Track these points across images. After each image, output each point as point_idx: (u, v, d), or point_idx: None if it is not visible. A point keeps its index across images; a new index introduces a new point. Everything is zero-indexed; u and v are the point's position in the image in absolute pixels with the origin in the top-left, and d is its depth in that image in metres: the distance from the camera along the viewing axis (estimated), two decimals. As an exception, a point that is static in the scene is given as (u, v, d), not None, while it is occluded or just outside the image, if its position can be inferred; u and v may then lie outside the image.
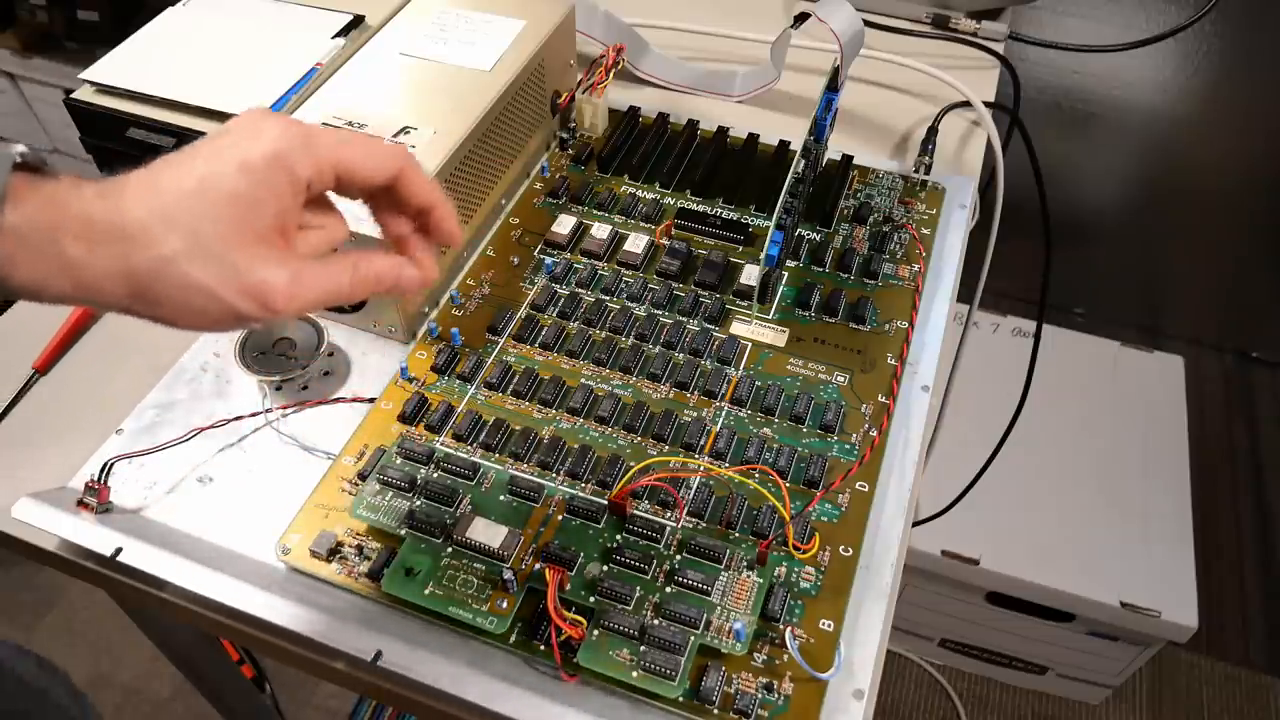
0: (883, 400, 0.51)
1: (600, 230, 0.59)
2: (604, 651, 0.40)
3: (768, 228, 0.50)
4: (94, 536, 0.44)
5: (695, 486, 0.47)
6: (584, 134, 0.67)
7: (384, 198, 0.37)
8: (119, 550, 0.44)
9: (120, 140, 0.58)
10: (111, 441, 0.50)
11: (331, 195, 0.37)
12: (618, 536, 0.44)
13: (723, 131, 0.66)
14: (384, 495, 0.46)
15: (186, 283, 0.31)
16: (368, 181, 0.36)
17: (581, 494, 0.46)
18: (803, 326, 0.54)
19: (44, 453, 0.50)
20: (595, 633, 0.41)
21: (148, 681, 1.27)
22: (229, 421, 0.50)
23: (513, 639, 0.42)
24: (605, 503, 0.45)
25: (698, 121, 0.66)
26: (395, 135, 0.54)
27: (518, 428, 0.49)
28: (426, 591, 0.42)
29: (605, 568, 0.43)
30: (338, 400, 0.52)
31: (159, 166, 0.32)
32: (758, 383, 0.51)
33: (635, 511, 0.45)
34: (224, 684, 0.84)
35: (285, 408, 0.51)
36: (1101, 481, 1.19)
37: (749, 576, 0.43)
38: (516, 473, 0.47)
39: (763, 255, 0.51)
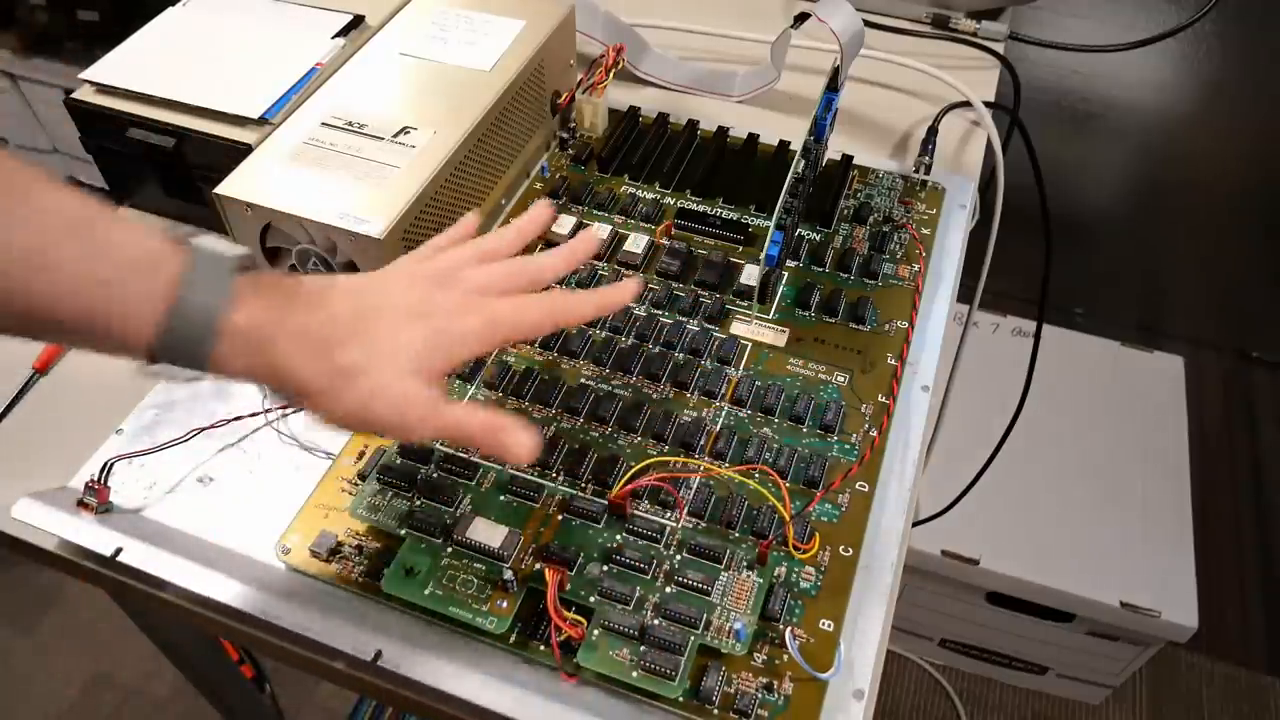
0: (883, 400, 0.51)
1: (600, 230, 0.59)
2: (604, 651, 0.40)
3: (768, 228, 0.50)
4: (94, 536, 0.44)
5: (695, 486, 0.47)
6: (584, 134, 0.67)
7: None
8: (119, 550, 0.44)
9: (120, 140, 0.58)
10: (111, 441, 0.50)
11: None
12: (618, 536, 0.44)
13: (723, 131, 0.66)
14: (384, 495, 0.46)
15: (359, 396, 0.37)
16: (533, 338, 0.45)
17: (581, 494, 0.46)
18: (803, 327, 0.54)
19: (44, 453, 0.50)
20: (595, 633, 0.41)
21: (148, 681, 1.27)
22: (229, 421, 0.50)
23: (513, 639, 0.42)
24: (605, 503, 0.45)
25: (698, 121, 0.66)
26: (395, 135, 0.54)
27: (518, 428, 0.49)
28: (426, 591, 0.42)
29: (605, 568, 0.43)
30: (338, 400, 0.52)
31: (372, 297, 0.39)
32: (758, 383, 0.51)
33: (635, 511, 0.45)
34: (224, 684, 0.84)
35: (285, 407, 0.51)
36: (1101, 482, 1.19)
37: (749, 576, 0.43)
38: (516, 472, 0.47)
39: (763, 255, 0.51)
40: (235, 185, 0.51)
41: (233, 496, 0.48)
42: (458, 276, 0.41)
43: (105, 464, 0.47)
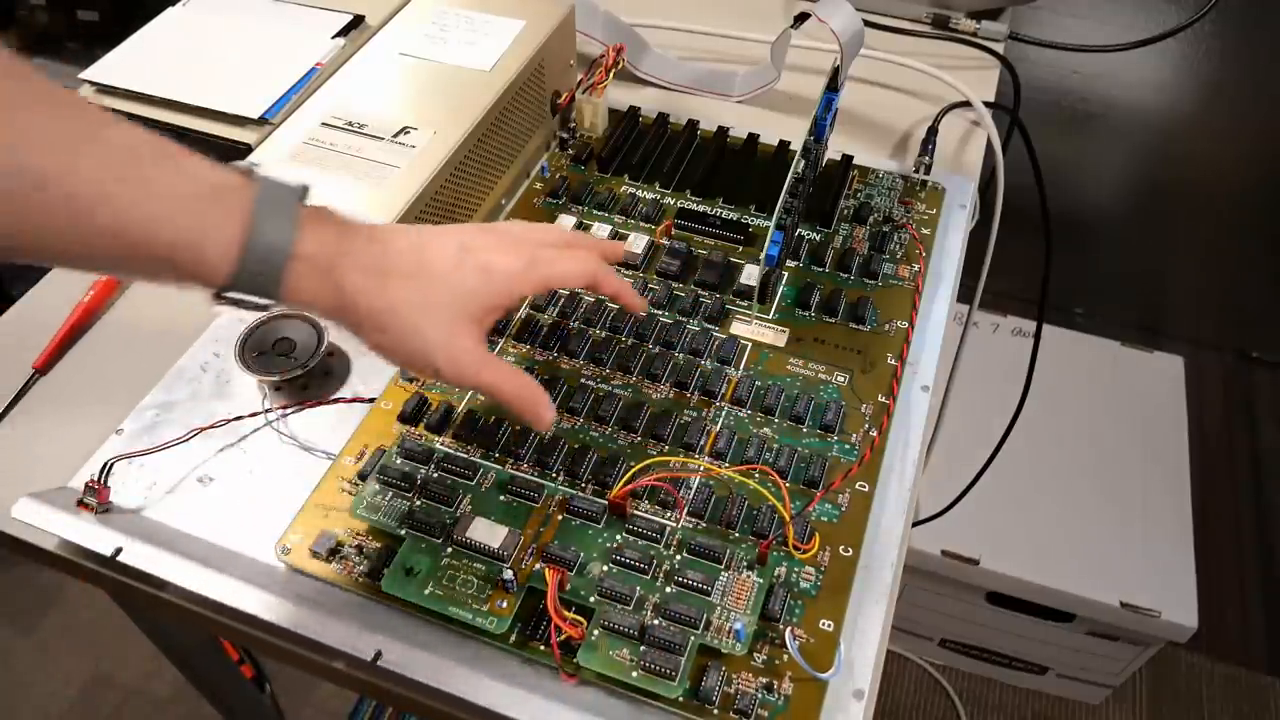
0: (883, 400, 0.51)
1: (600, 230, 0.59)
2: (604, 651, 0.40)
3: (768, 228, 0.50)
4: (94, 536, 0.44)
5: (695, 486, 0.47)
6: (584, 134, 0.67)
7: None
8: (119, 550, 0.44)
9: (120, 140, 0.58)
10: (111, 441, 0.50)
11: None
12: (618, 536, 0.44)
13: (723, 131, 0.66)
14: (384, 495, 0.46)
15: (412, 325, 0.39)
16: (566, 287, 0.48)
17: (581, 494, 0.46)
18: (803, 326, 0.54)
19: (44, 453, 0.50)
20: (595, 633, 0.41)
21: (148, 681, 1.27)
22: (229, 421, 0.50)
23: (513, 639, 0.42)
24: (605, 503, 0.45)
25: (698, 121, 0.66)
26: (395, 135, 0.54)
27: (518, 427, 0.49)
28: (426, 591, 0.42)
29: (605, 568, 0.43)
30: (338, 400, 0.52)
31: (427, 235, 0.41)
32: (758, 383, 0.51)
33: (635, 511, 0.45)
34: (224, 684, 0.84)
35: (285, 407, 0.51)
36: (1101, 482, 1.19)
37: (749, 576, 0.43)
38: (516, 473, 0.47)
39: (763, 255, 0.51)
40: (235, 185, 0.51)
41: (233, 496, 0.48)
42: (502, 227, 0.45)
43: (105, 464, 0.47)
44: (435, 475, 0.47)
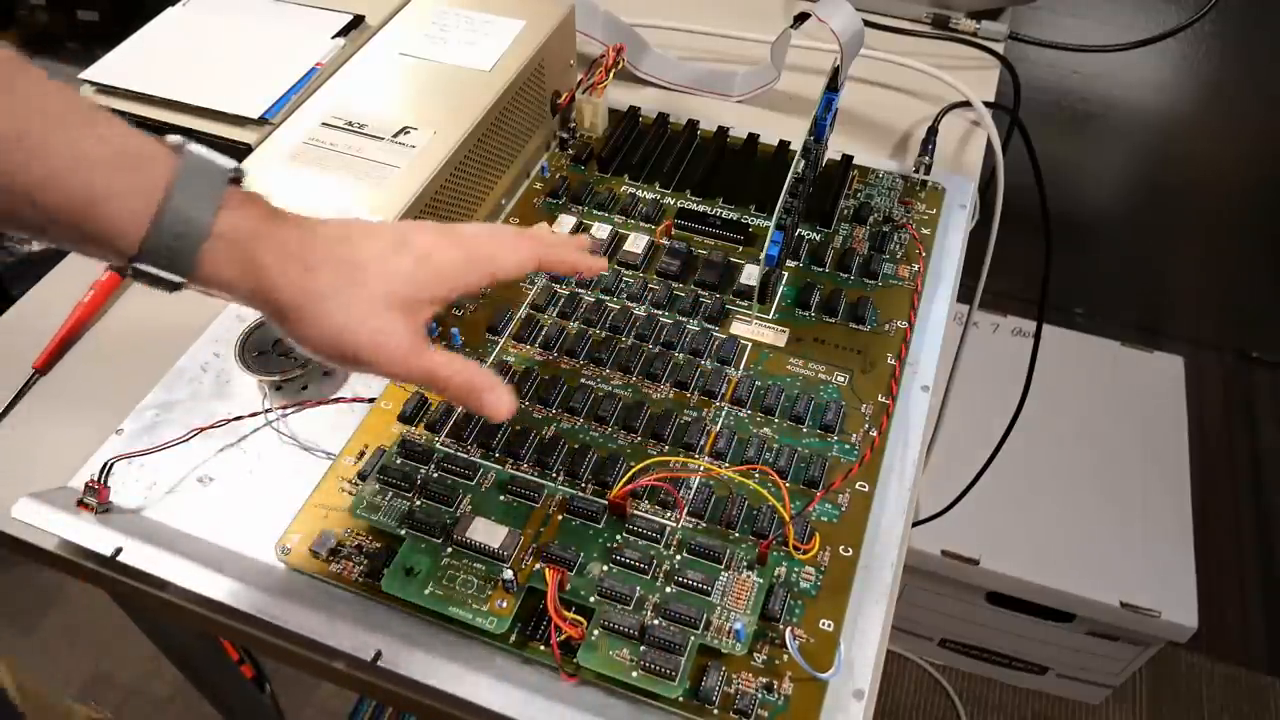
0: (883, 400, 0.51)
1: (600, 230, 0.59)
2: (604, 651, 0.40)
3: (768, 228, 0.50)
4: (94, 536, 0.44)
5: (695, 486, 0.47)
6: (584, 134, 0.67)
7: None
8: (119, 550, 0.44)
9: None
10: (111, 441, 0.50)
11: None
12: (618, 536, 0.44)
13: (723, 131, 0.66)
14: (384, 495, 0.46)
15: (331, 312, 0.37)
16: (511, 277, 0.43)
17: (581, 494, 0.46)
18: (803, 326, 0.54)
19: (44, 453, 0.50)
20: (595, 633, 0.41)
21: (148, 681, 1.27)
22: (229, 421, 0.50)
23: (513, 639, 0.42)
24: (605, 503, 0.45)
25: (698, 121, 0.66)
26: (395, 135, 0.54)
27: (517, 427, 0.49)
28: (426, 591, 0.42)
29: (605, 568, 0.43)
30: (338, 400, 0.52)
31: (361, 226, 0.40)
32: (758, 383, 0.51)
33: (635, 511, 0.45)
34: (224, 684, 0.84)
35: (285, 407, 0.51)
36: (1101, 482, 1.19)
37: (749, 576, 0.43)
38: (516, 473, 0.47)
39: (763, 255, 0.51)
40: (235, 185, 0.51)
41: (233, 496, 0.48)
42: (448, 226, 0.43)
43: (105, 464, 0.47)
44: (435, 475, 0.47)
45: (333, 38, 0.61)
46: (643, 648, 0.40)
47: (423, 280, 0.40)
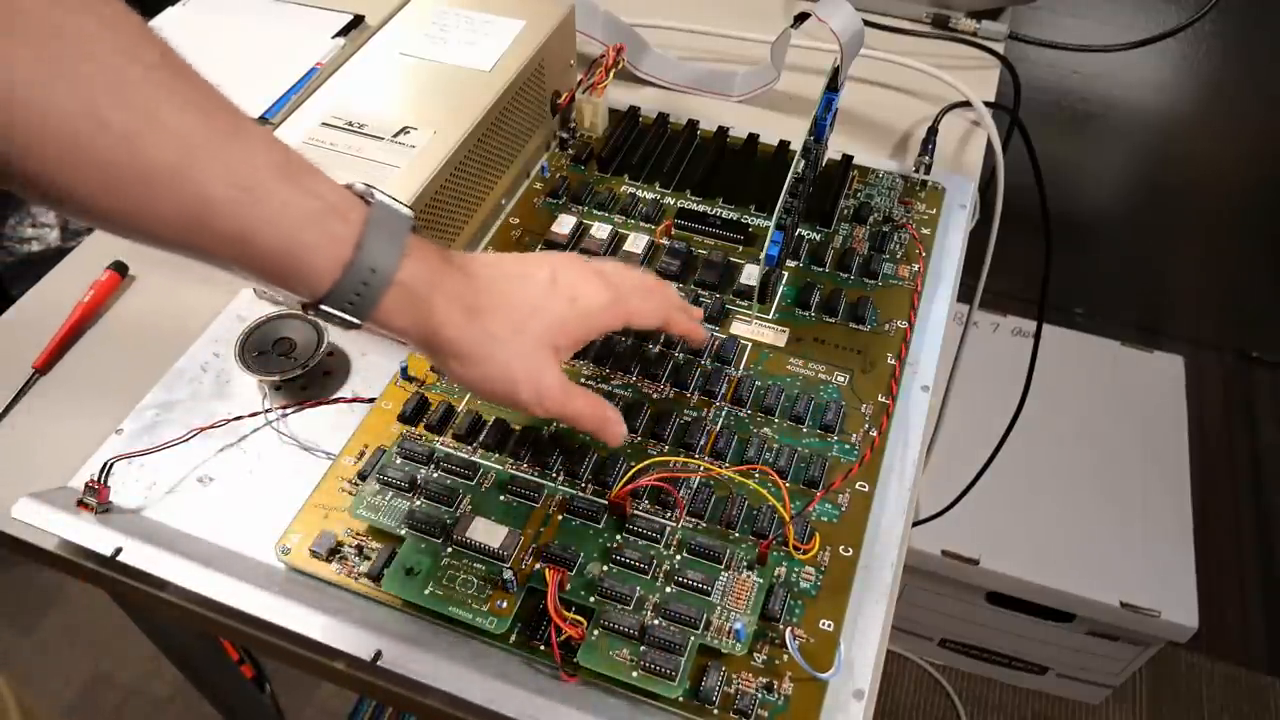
0: (883, 400, 0.51)
1: (600, 230, 0.59)
2: (604, 651, 0.40)
3: (768, 228, 0.50)
4: (94, 536, 0.44)
5: (695, 486, 0.47)
6: (584, 134, 0.67)
7: None
8: (119, 550, 0.44)
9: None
10: (111, 441, 0.50)
11: None
12: (618, 536, 0.44)
13: (723, 131, 0.66)
14: (384, 495, 0.46)
15: (495, 358, 0.40)
16: (643, 327, 0.47)
17: (581, 494, 0.46)
18: (803, 326, 0.54)
19: (44, 453, 0.50)
20: (595, 633, 0.41)
21: (148, 681, 1.27)
22: (229, 421, 0.50)
23: (513, 639, 0.42)
24: (605, 503, 0.45)
25: (698, 121, 0.66)
26: (395, 135, 0.54)
27: (518, 428, 0.49)
28: (426, 591, 0.42)
29: (605, 568, 0.43)
30: (338, 400, 0.52)
31: (517, 265, 0.43)
32: (758, 382, 0.51)
33: (635, 511, 0.45)
34: (224, 684, 0.84)
35: (285, 407, 0.51)
36: (1101, 482, 1.19)
37: (749, 576, 0.43)
38: (516, 473, 0.47)
39: (763, 255, 0.51)
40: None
41: (233, 496, 0.48)
42: (591, 262, 0.45)
43: (105, 464, 0.47)
44: (435, 475, 0.47)
45: (332, 38, 0.61)
46: (643, 648, 0.40)
47: (573, 325, 0.42)
